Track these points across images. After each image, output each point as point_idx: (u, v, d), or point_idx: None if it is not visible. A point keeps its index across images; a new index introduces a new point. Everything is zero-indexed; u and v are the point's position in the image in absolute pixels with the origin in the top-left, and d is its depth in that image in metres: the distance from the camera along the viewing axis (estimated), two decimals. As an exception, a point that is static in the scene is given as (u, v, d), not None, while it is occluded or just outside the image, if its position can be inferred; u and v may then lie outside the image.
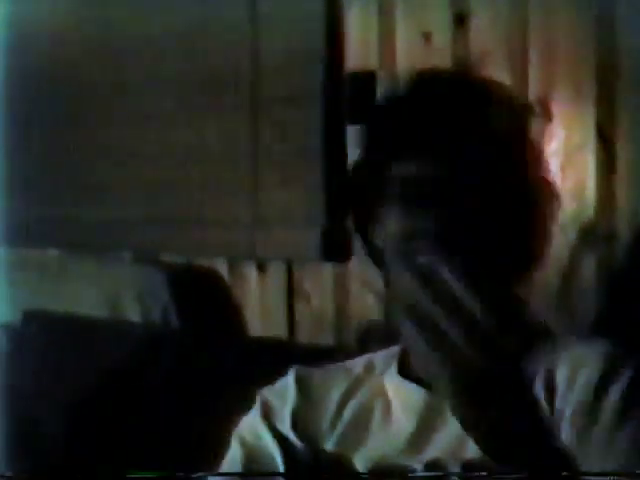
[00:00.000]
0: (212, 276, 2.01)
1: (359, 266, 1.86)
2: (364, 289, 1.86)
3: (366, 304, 1.85)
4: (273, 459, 1.18)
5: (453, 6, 1.72)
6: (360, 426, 1.18)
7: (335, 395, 1.22)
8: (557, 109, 1.61)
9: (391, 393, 1.19)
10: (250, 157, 1.96)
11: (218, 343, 1.80)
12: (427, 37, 1.76)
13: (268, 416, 1.22)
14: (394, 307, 1.09)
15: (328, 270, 1.91)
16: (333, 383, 1.24)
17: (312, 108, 1.87)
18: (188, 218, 2.05)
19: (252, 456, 1.19)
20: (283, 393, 1.25)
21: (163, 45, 2.07)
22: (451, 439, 1.10)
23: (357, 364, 1.27)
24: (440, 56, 1.74)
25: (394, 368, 1.21)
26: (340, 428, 1.19)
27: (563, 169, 1.58)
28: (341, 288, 1.90)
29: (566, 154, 1.58)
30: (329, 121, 1.86)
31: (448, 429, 1.11)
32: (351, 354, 1.34)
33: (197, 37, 2.03)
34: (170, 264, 2.00)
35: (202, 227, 2.03)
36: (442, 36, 1.74)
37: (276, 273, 1.98)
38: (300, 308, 1.95)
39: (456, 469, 1.07)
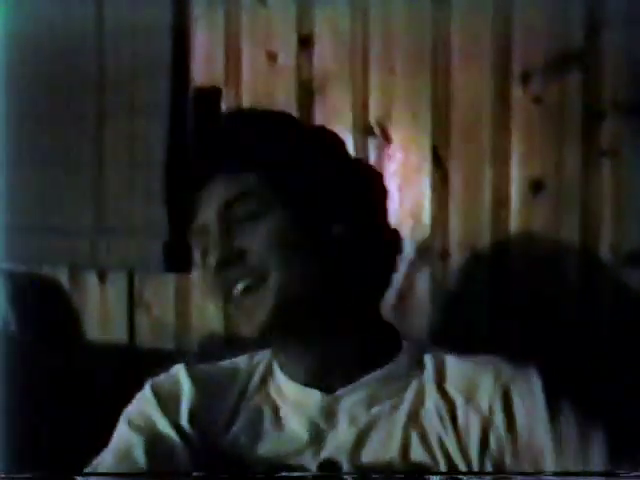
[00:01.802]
0: (51, 284, 2.00)
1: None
2: (205, 300, 1.89)
3: (207, 315, 1.89)
4: (175, 447, 1.19)
5: (298, 28, 1.79)
6: (254, 428, 1.22)
7: (229, 395, 1.25)
8: (395, 131, 1.70)
9: (279, 397, 1.25)
10: (95, 166, 1.97)
11: (57, 350, 1.80)
12: (272, 57, 1.81)
13: (163, 405, 1.23)
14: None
15: (170, 280, 1.94)
16: (224, 382, 1.26)
17: (157, 120, 1.89)
18: (30, 225, 2.03)
19: (152, 442, 1.19)
20: (176, 385, 1.26)
21: (7, 50, 2.04)
22: (345, 438, 1.17)
23: (242, 364, 1.30)
24: (284, 76, 1.80)
25: (279, 372, 1.26)
26: (235, 430, 1.22)
27: (401, 189, 1.67)
28: (182, 299, 1.93)
29: (404, 175, 1.67)
30: (173, 134, 1.89)
31: (344, 429, 1.18)
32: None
33: (42, 43, 2.01)
34: (9, 271, 1.98)
35: (44, 234, 2.01)
36: (287, 56, 1.80)
37: (117, 282, 1.99)
38: (141, 318, 1.97)
39: (351, 471, 1.14)
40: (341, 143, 1.31)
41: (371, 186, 1.28)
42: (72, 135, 2.00)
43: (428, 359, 1.23)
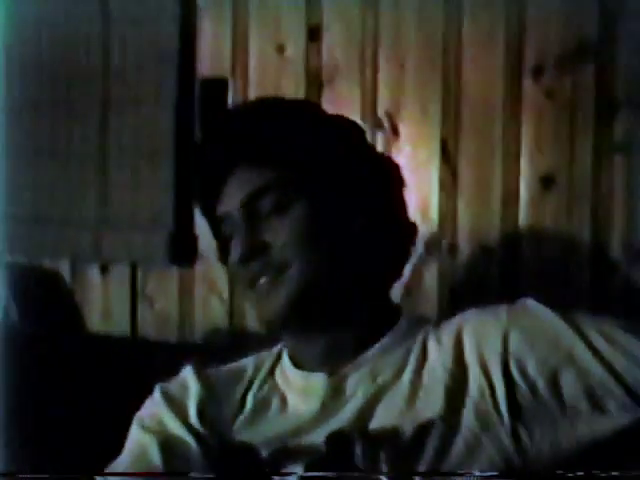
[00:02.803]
0: (53, 276, 1.98)
1: (204, 270, 1.88)
2: (209, 293, 1.88)
3: (211, 308, 1.87)
4: (187, 445, 1.21)
5: (307, 19, 1.77)
6: (260, 416, 1.24)
7: (234, 392, 1.28)
8: (404, 125, 1.68)
9: (286, 386, 1.27)
10: (99, 157, 1.95)
11: (58, 342, 1.78)
12: (280, 48, 1.79)
13: (173, 406, 1.26)
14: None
15: (173, 274, 1.92)
16: (231, 381, 1.30)
17: (163, 111, 1.87)
18: (32, 217, 2.01)
19: (166, 443, 1.22)
20: (184, 387, 1.29)
21: (12, 41, 2.02)
22: (353, 413, 1.18)
23: (248, 364, 1.33)
24: (292, 68, 1.78)
25: (287, 362, 1.28)
26: (242, 419, 1.25)
27: (409, 183, 1.64)
28: (186, 292, 1.91)
29: (412, 169, 1.64)
30: (180, 125, 1.87)
31: (351, 404, 1.19)
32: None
33: (47, 34, 1.99)
34: (11, 264, 1.96)
35: (47, 226, 1.99)
36: (295, 48, 1.78)
37: (120, 275, 1.97)
38: (143, 311, 1.95)
39: (359, 439, 1.14)
40: (361, 132, 1.33)
41: (390, 178, 1.31)
42: (76, 126, 1.99)
43: (429, 325, 1.26)
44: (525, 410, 1.13)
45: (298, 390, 1.25)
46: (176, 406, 1.26)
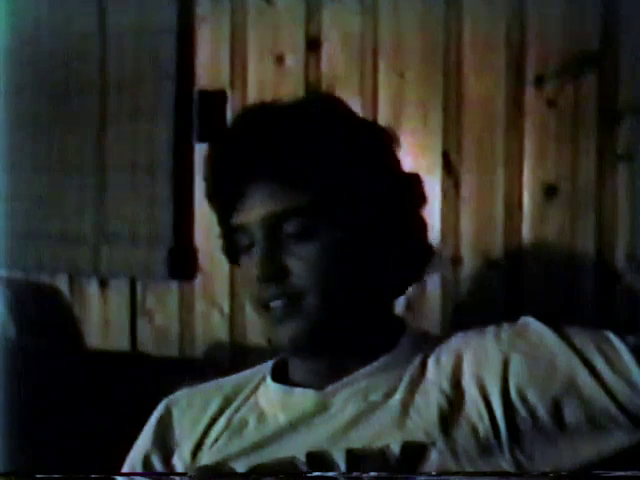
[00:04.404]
0: (51, 292, 1.96)
1: (204, 284, 1.86)
2: (209, 307, 1.86)
3: (211, 322, 1.85)
4: None
5: (306, 30, 1.75)
6: (237, 433, 1.21)
7: (204, 416, 1.25)
8: (405, 136, 1.66)
9: (267, 402, 1.23)
10: (98, 171, 1.93)
11: (57, 358, 1.76)
12: (279, 59, 1.78)
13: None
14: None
15: (173, 288, 1.90)
16: (202, 405, 1.26)
17: (161, 124, 1.86)
18: (31, 231, 2.00)
19: None
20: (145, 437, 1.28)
21: (10, 55, 2.01)
22: (337, 430, 1.14)
23: (227, 384, 1.29)
24: (292, 79, 1.77)
25: (269, 379, 1.24)
26: (215, 439, 1.22)
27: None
28: (185, 306, 1.90)
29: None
30: (178, 138, 1.86)
31: (336, 421, 1.15)
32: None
33: (44, 47, 1.99)
34: (8, 279, 1.95)
35: (45, 241, 1.98)
36: (294, 59, 1.77)
37: (119, 290, 1.96)
38: (143, 326, 1.93)
39: (340, 458, 1.10)
40: (394, 142, 1.26)
41: (417, 198, 1.26)
42: (74, 139, 1.98)
43: (432, 343, 1.22)
44: (525, 434, 1.10)
45: (280, 405, 1.20)
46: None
